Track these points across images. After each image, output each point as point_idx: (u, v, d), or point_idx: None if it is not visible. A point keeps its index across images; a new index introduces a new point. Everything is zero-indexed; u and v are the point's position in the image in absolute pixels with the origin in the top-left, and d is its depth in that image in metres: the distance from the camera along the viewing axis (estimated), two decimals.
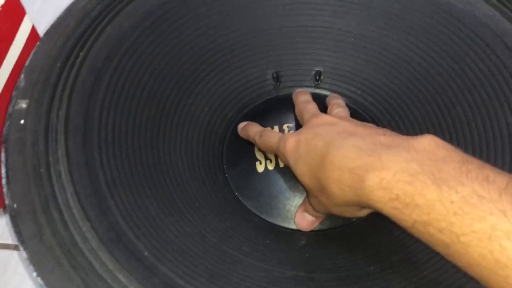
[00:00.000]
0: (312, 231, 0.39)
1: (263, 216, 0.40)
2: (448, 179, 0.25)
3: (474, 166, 0.25)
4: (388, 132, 0.31)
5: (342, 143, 0.30)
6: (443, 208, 0.24)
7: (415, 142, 0.28)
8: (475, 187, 0.24)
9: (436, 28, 0.44)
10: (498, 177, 0.24)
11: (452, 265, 0.32)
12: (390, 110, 0.45)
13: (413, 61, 0.44)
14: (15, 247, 0.51)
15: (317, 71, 0.47)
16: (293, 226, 0.40)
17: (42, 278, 0.27)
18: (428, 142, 0.28)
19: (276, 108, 0.46)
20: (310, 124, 0.36)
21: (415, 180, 0.25)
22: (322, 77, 0.47)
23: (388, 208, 0.27)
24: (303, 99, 0.42)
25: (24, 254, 0.28)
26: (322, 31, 0.46)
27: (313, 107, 0.40)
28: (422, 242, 0.26)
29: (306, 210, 0.39)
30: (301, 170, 0.34)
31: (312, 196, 0.36)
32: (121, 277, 0.28)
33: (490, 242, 0.22)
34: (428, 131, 0.42)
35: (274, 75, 0.47)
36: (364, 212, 0.35)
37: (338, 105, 0.41)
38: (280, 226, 0.40)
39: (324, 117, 0.37)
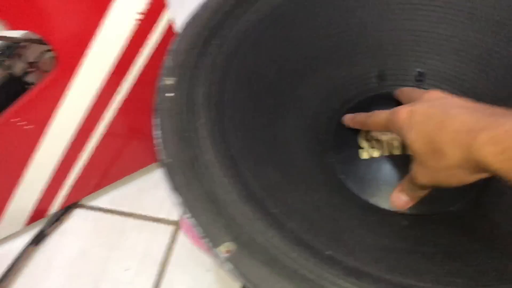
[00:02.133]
0: (413, 214, 0.42)
1: (366, 198, 0.44)
2: None
3: None
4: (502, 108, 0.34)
5: (461, 111, 0.33)
6: None
7: None
8: None
9: None
10: None
11: None
12: None
13: None
14: (129, 215, 0.57)
15: (419, 72, 0.50)
16: (394, 209, 0.43)
17: (193, 218, 0.32)
18: None
19: (378, 104, 0.50)
20: (423, 98, 0.38)
21: None
22: (424, 78, 0.50)
23: (497, 161, 0.29)
24: (408, 88, 0.45)
25: (177, 199, 0.33)
26: (426, 35, 0.49)
27: (420, 89, 0.43)
28: None
29: (402, 190, 0.42)
30: (414, 137, 0.36)
31: (419, 164, 0.37)
32: (259, 224, 0.32)
33: None
34: None
35: (378, 73, 0.51)
36: (472, 178, 0.34)
37: None
38: (382, 208, 0.43)
39: (437, 92, 0.38)
